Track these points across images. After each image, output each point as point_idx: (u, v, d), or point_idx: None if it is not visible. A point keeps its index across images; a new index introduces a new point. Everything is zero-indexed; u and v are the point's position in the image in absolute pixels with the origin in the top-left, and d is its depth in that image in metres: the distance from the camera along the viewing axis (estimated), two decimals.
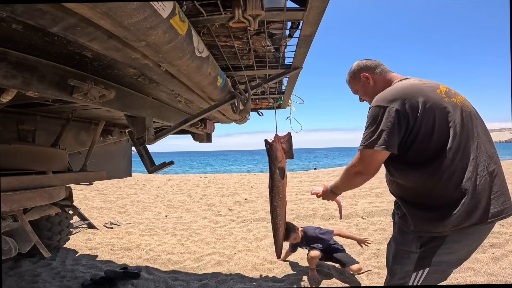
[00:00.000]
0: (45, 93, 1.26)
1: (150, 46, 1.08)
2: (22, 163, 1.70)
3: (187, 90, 1.81)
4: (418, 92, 1.22)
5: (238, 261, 3.13)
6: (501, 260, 2.75)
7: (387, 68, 1.48)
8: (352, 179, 1.34)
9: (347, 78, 1.57)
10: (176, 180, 11.66)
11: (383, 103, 1.22)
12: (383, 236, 3.68)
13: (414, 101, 1.19)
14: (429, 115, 1.18)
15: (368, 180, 1.31)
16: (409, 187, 1.27)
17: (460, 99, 1.28)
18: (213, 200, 6.98)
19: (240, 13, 1.27)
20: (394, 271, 1.33)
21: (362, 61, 1.51)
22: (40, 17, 0.85)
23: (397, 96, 1.21)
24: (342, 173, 1.39)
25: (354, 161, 1.29)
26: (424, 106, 1.19)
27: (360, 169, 1.27)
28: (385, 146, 1.18)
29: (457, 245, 1.20)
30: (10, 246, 1.60)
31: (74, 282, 2.64)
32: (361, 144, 1.25)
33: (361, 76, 1.47)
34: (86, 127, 2.65)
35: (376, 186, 7.32)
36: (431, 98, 1.22)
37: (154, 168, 2.09)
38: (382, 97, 1.25)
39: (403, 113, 1.18)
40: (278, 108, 3.41)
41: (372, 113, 1.25)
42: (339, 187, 1.47)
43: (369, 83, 1.46)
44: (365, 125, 1.28)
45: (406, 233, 1.29)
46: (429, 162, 1.19)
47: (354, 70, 1.51)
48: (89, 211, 5.59)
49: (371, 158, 1.23)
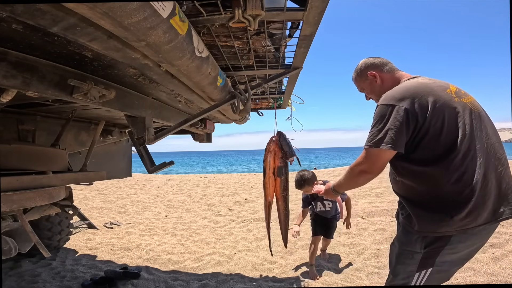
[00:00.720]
0: (45, 93, 1.26)
1: (150, 46, 1.08)
2: (22, 163, 1.70)
3: (187, 90, 1.81)
4: (428, 91, 1.20)
5: (238, 261, 3.13)
6: (501, 260, 2.75)
7: (395, 66, 1.45)
8: (356, 178, 1.31)
9: (353, 75, 1.54)
10: (176, 180, 11.65)
11: (392, 101, 1.20)
12: (383, 236, 3.68)
13: (424, 100, 1.18)
14: (438, 115, 1.17)
15: (372, 179, 1.29)
16: (415, 186, 1.25)
17: (469, 100, 1.27)
18: (213, 200, 6.98)
19: (240, 13, 1.27)
20: (397, 271, 1.33)
21: (369, 59, 1.48)
22: (40, 17, 0.85)
23: (407, 95, 1.19)
24: (346, 172, 1.37)
25: (359, 159, 1.27)
26: (434, 105, 1.17)
27: (365, 167, 1.25)
28: (391, 145, 1.16)
29: (461, 245, 1.19)
30: (10, 246, 1.60)
31: (74, 282, 2.64)
32: (367, 143, 1.23)
33: (368, 74, 1.45)
34: (86, 127, 2.65)
35: (376, 186, 7.32)
36: (441, 97, 1.20)
37: (154, 168, 2.09)
38: (391, 95, 1.23)
39: (412, 112, 1.16)
40: (278, 108, 3.41)
41: (379, 111, 1.22)
42: (342, 186, 1.45)
43: (376, 81, 1.44)
44: (371, 123, 1.25)
45: (411, 233, 1.28)
46: (437, 162, 1.17)
47: (360, 67, 1.49)
48: (89, 211, 5.59)
49: (377, 157, 1.22)
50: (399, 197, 1.37)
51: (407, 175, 1.27)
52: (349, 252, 3.27)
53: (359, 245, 3.42)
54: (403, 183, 1.31)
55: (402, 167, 1.27)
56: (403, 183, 1.31)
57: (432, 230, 1.20)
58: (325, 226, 2.98)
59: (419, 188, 1.24)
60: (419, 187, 1.24)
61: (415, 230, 1.24)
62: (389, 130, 1.17)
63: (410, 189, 1.28)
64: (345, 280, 2.62)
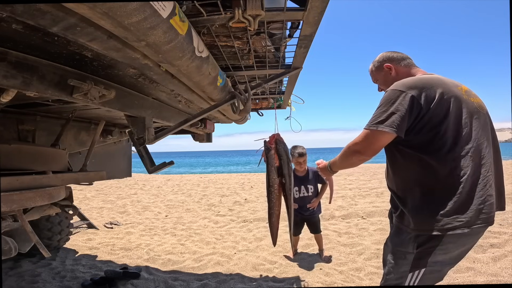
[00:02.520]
0: (45, 93, 1.26)
1: (150, 46, 1.08)
2: (22, 163, 1.70)
3: (187, 90, 1.81)
4: (439, 84, 1.23)
5: (238, 261, 3.13)
6: (501, 260, 2.75)
7: (413, 62, 1.48)
8: (350, 157, 1.33)
9: (371, 66, 1.58)
10: (176, 180, 11.66)
11: (402, 88, 1.22)
12: (383, 236, 3.68)
13: (432, 91, 1.20)
14: (443, 106, 1.19)
15: (365, 161, 1.30)
16: (407, 177, 1.27)
17: (477, 100, 1.31)
18: (213, 200, 6.98)
19: (240, 13, 1.27)
20: (390, 271, 1.33)
21: (388, 52, 1.52)
22: (40, 17, 0.85)
23: (418, 85, 1.22)
24: (342, 150, 1.39)
25: (356, 138, 1.29)
26: (442, 97, 1.19)
27: (360, 148, 1.26)
28: (392, 128, 1.18)
29: (452, 245, 1.19)
30: (10, 246, 1.59)
31: (74, 282, 2.65)
32: (368, 123, 1.24)
33: (385, 66, 1.49)
34: (86, 127, 2.65)
35: (376, 186, 7.32)
36: (451, 91, 1.23)
37: (154, 168, 2.09)
38: (402, 83, 1.25)
39: (417, 101, 1.18)
40: (278, 108, 3.41)
41: (388, 95, 1.24)
42: (336, 164, 1.48)
43: (391, 73, 1.47)
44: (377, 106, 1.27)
45: (403, 233, 1.29)
46: (432, 150, 1.19)
47: (378, 59, 1.53)
48: (89, 211, 5.59)
49: (375, 138, 1.23)
50: (392, 194, 1.38)
51: (402, 162, 1.28)
52: (349, 252, 3.26)
53: (359, 245, 3.42)
54: (396, 175, 1.32)
55: (398, 150, 1.28)
56: (396, 175, 1.32)
57: (424, 227, 1.19)
58: (307, 224, 3.17)
59: (412, 179, 1.25)
60: (411, 177, 1.25)
61: (410, 229, 1.25)
62: (393, 114, 1.18)
63: (403, 182, 1.30)
64: (345, 280, 2.62)
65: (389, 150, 1.32)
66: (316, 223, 3.17)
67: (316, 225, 3.17)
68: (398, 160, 1.30)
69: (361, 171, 12.15)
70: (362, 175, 10.63)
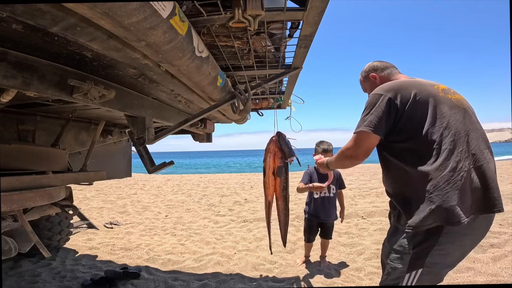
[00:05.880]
0: (45, 93, 1.26)
1: (150, 46, 1.08)
2: (22, 163, 1.70)
3: (187, 90, 1.81)
4: (414, 85, 1.31)
5: (238, 261, 3.13)
6: (501, 260, 2.75)
7: (397, 70, 1.59)
8: (343, 161, 1.46)
9: (360, 77, 1.70)
10: (176, 180, 11.65)
11: (380, 91, 1.32)
12: (383, 236, 3.66)
13: (407, 92, 1.29)
14: (419, 104, 1.26)
15: (357, 164, 1.40)
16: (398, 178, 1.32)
17: (456, 97, 1.35)
18: (213, 200, 6.98)
19: (240, 13, 1.27)
20: (388, 271, 1.35)
21: (373, 63, 1.63)
22: (40, 17, 0.85)
23: (394, 87, 1.31)
24: (337, 153, 1.50)
25: (347, 144, 1.39)
26: (415, 97, 1.27)
27: (351, 152, 1.36)
28: (369, 127, 1.28)
29: (449, 246, 1.19)
30: (10, 246, 1.60)
31: (74, 282, 2.64)
32: (355, 128, 1.35)
33: (370, 76, 1.60)
34: (86, 127, 2.65)
35: (376, 186, 7.33)
36: (425, 90, 1.30)
37: (154, 168, 2.09)
38: (381, 87, 1.36)
39: (393, 102, 1.27)
40: (278, 108, 3.41)
41: (369, 100, 1.35)
42: (332, 164, 1.60)
43: (376, 82, 1.57)
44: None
45: (400, 233, 1.31)
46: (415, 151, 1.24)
47: (365, 70, 1.65)
48: (89, 211, 5.59)
49: (361, 140, 1.32)
50: (387, 194, 1.44)
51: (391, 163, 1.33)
52: (349, 252, 3.27)
53: (359, 245, 3.42)
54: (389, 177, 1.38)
55: (386, 151, 1.34)
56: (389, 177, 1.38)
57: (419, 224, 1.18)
58: (321, 228, 3.01)
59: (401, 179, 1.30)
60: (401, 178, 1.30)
61: (406, 227, 1.25)
62: (371, 115, 1.29)
63: (395, 182, 1.35)
64: (345, 280, 2.62)
65: (379, 153, 1.40)
66: (330, 228, 3.04)
67: (330, 230, 3.04)
68: (387, 162, 1.36)
69: (361, 171, 12.15)
70: (362, 175, 10.63)
